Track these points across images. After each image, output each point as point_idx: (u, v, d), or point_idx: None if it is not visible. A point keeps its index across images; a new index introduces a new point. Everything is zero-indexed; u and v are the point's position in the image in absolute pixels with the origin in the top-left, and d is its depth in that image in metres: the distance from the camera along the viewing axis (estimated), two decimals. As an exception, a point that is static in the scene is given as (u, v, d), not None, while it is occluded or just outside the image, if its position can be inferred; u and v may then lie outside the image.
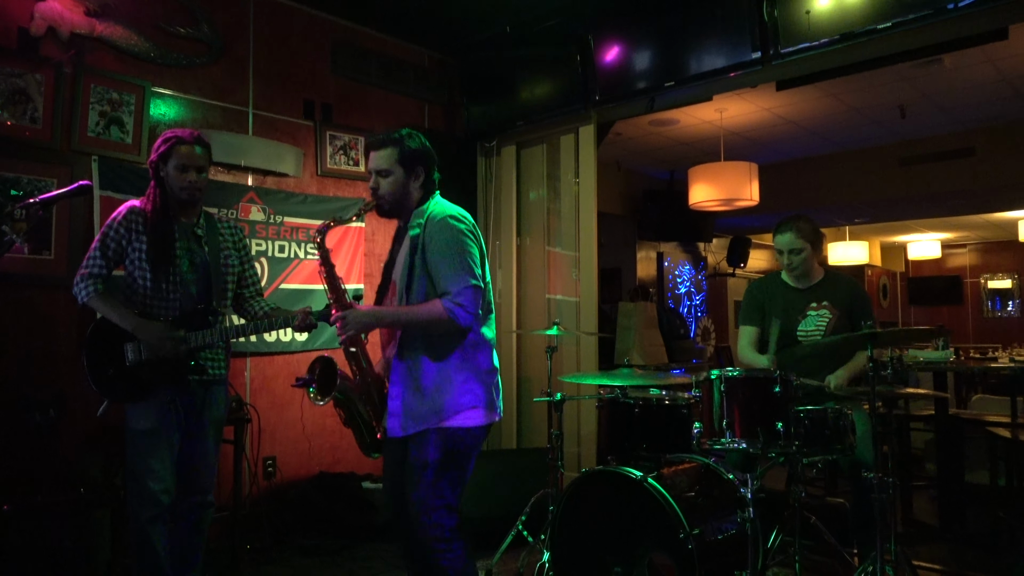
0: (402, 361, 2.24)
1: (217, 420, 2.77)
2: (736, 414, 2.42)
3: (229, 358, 2.81)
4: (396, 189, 2.27)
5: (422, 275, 2.21)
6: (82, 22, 3.45)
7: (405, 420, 2.21)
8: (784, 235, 3.13)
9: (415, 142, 2.29)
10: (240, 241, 2.84)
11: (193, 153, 2.62)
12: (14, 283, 3.25)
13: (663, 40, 4.00)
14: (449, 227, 2.19)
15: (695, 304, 8.67)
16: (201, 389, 2.69)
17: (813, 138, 7.08)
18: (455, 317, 2.12)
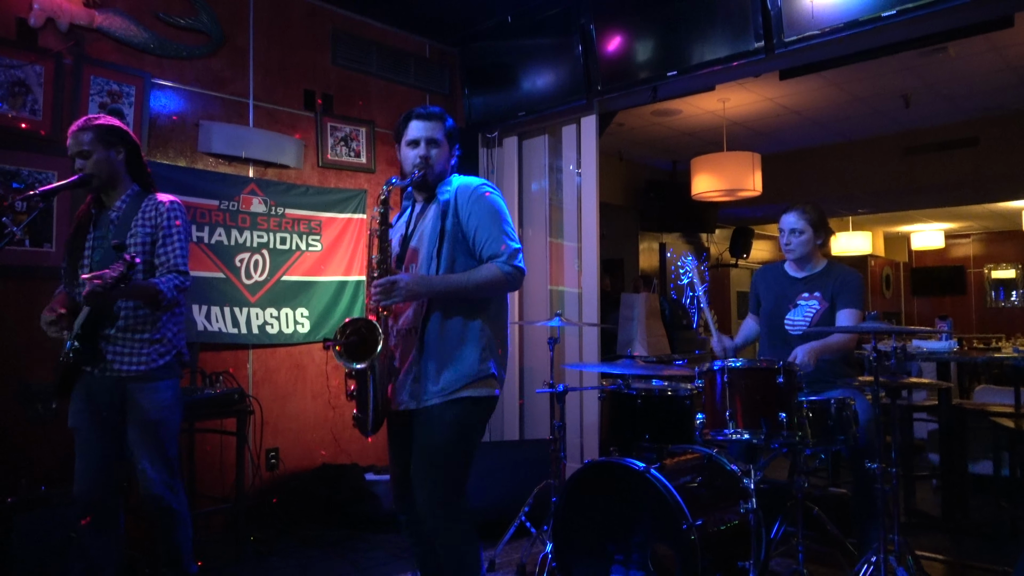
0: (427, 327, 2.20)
1: (139, 423, 2.45)
2: (739, 405, 2.41)
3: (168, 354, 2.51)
4: (442, 160, 2.32)
5: (451, 239, 2.22)
6: (81, 13, 3.44)
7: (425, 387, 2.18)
8: (789, 214, 3.11)
9: (453, 120, 2.40)
10: (158, 219, 2.51)
11: (74, 142, 2.51)
12: (15, 275, 3.25)
13: (665, 29, 3.97)
14: (487, 195, 2.26)
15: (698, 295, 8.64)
16: (115, 386, 2.46)
17: (816, 128, 7.05)
18: (510, 279, 2.18)
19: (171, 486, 2.51)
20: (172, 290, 2.43)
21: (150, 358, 2.47)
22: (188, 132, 3.85)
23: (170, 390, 2.53)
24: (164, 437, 2.50)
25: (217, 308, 3.84)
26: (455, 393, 2.17)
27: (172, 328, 2.56)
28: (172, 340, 2.55)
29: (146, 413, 2.46)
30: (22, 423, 3.23)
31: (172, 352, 2.55)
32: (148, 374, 2.47)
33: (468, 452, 2.20)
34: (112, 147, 2.51)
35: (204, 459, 3.78)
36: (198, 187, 3.79)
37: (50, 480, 3.13)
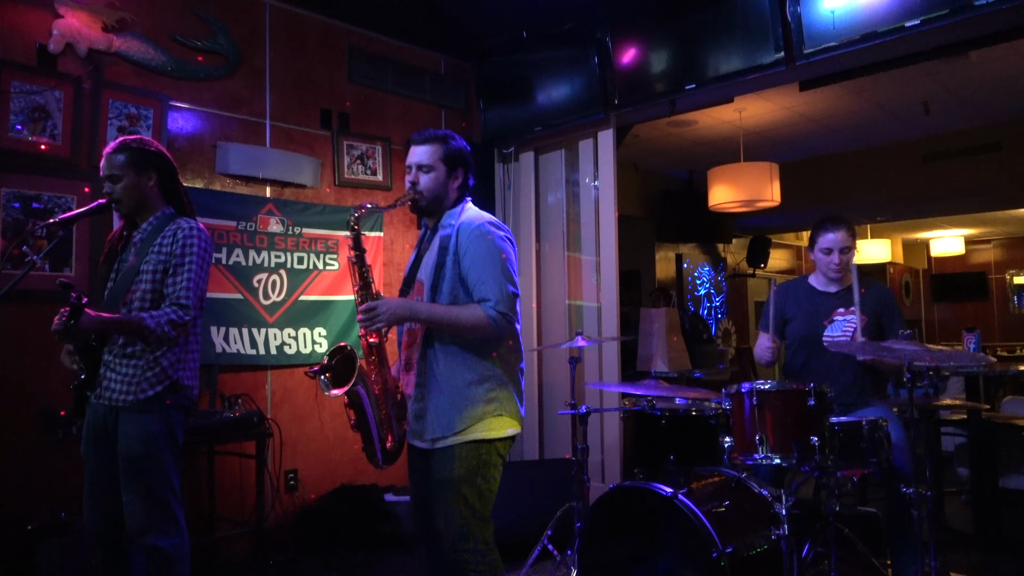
0: (428, 362, 2.17)
1: (125, 455, 2.34)
2: (769, 428, 2.35)
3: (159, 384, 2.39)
4: (435, 186, 2.24)
5: (452, 276, 2.17)
6: (100, 38, 3.45)
7: (428, 425, 2.14)
8: (838, 231, 2.99)
9: (458, 143, 2.29)
10: (174, 246, 2.43)
11: (107, 164, 2.48)
12: (37, 299, 3.25)
13: (683, 42, 3.94)
14: (488, 233, 2.17)
15: (715, 306, 8.57)
16: (109, 413, 2.39)
17: (834, 135, 6.97)
18: (496, 325, 2.08)
19: (158, 524, 2.37)
20: (163, 325, 2.30)
21: (139, 387, 2.36)
22: (206, 153, 3.85)
23: (158, 423, 2.38)
24: (149, 472, 2.37)
25: (235, 329, 3.83)
26: (461, 434, 2.11)
27: (169, 357, 2.41)
28: (167, 369, 2.41)
29: (130, 445, 2.36)
30: (43, 447, 3.22)
31: (166, 382, 2.40)
32: (135, 404, 2.36)
33: (484, 491, 2.13)
34: (143, 172, 2.48)
35: (223, 482, 3.76)
36: (216, 208, 3.79)
37: (71, 506, 3.12)
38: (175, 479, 2.46)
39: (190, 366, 2.53)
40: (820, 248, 3.03)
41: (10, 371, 3.18)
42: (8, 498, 3.06)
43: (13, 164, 3.23)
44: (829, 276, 3.05)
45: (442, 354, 2.16)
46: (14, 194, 3.23)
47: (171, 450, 2.46)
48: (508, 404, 2.17)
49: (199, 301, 2.45)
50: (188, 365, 2.52)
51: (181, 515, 2.47)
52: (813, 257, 3.09)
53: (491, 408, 2.13)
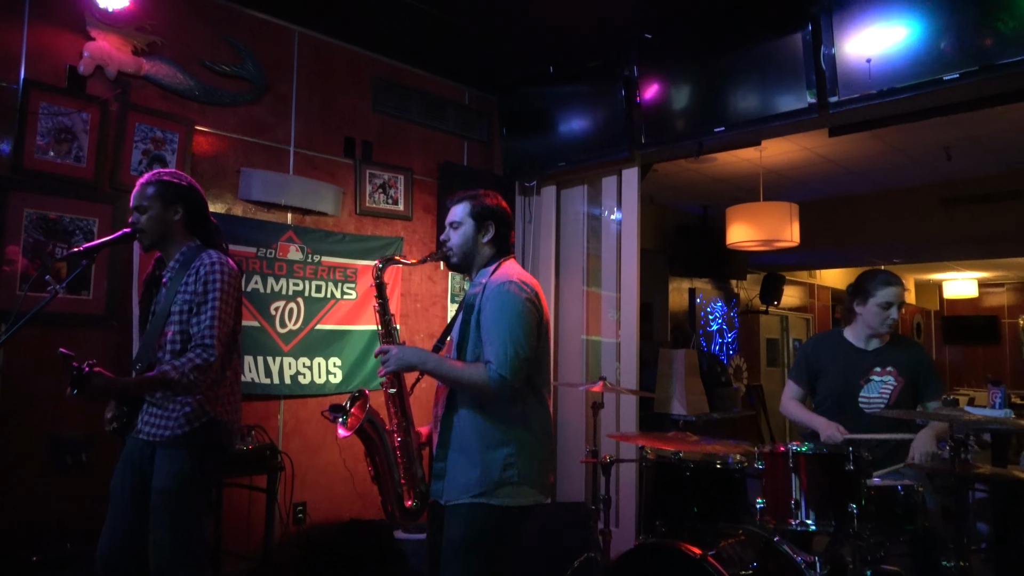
0: (449, 420, 2.15)
1: (158, 490, 2.33)
2: (806, 492, 2.28)
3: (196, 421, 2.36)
4: (464, 241, 2.26)
5: (475, 337, 2.14)
6: (129, 61, 3.43)
7: (446, 486, 2.11)
8: (897, 285, 2.93)
9: (490, 200, 2.30)
10: (197, 284, 2.39)
11: (137, 193, 2.46)
12: (51, 322, 3.19)
13: (713, 83, 3.90)
14: (506, 293, 2.11)
15: (727, 342, 8.49)
16: (146, 449, 2.39)
17: (853, 177, 6.94)
18: (494, 385, 2.03)
19: (183, 561, 2.31)
20: (187, 374, 2.25)
21: (177, 423, 2.34)
22: (229, 179, 3.82)
23: (192, 460, 2.35)
24: (179, 509, 2.33)
25: (251, 358, 3.77)
26: (475, 497, 2.05)
27: (206, 393, 2.39)
28: (204, 405, 2.37)
29: (162, 481, 2.34)
30: (49, 475, 3.15)
31: (203, 419, 2.37)
32: (171, 440, 2.34)
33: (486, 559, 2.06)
34: (170, 205, 2.45)
35: (230, 513, 3.68)
36: (237, 234, 3.74)
37: (77, 538, 3.04)
38: (202, 518, 2.44)
39: (230, 400, 2.49)
40: (878, 303, 2.93)
41: (23, 395, 3.11)
42: (13, 527, 2.98)
43: (37, 185, 3.19)
44: (879, 332, 2.96)
45: (464, 414, 2.13)
46: (36, 215, 3.20)
47: (202, 489, 2.45)
48: (527, 472, 2.09)
49: (226, 337, 2.39)
50: (227, 400, 2.48)
51: (204, 554, 2.44)
52: (861, 311, 2.99)
53: (508, 475, 2.07)
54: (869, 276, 3.04)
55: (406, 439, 2.18)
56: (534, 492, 2.10)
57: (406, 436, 2.18)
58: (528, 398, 2.14)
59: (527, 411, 2.14)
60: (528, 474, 2.09)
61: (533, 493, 2.10)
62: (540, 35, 4.17)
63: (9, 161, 3.13)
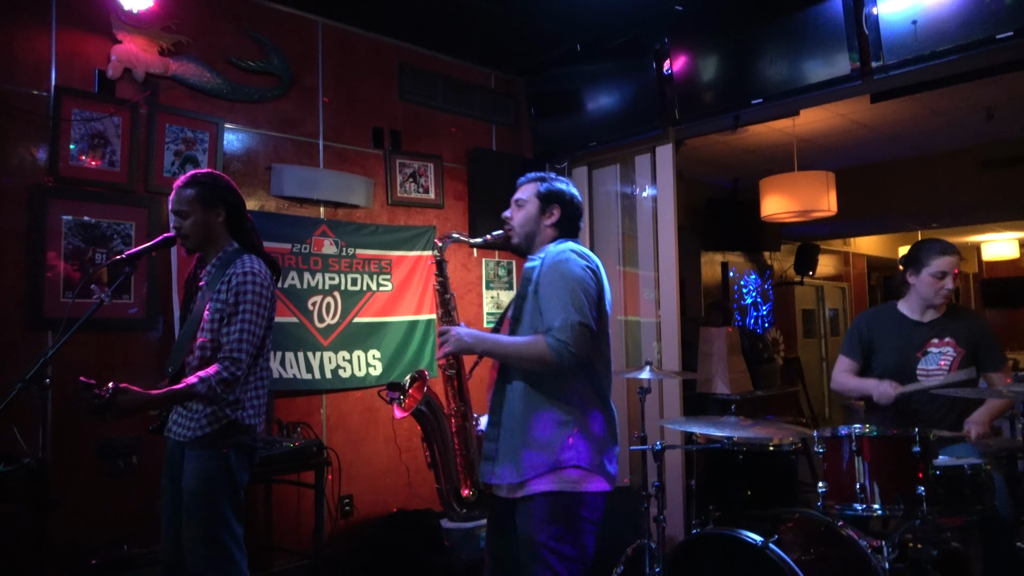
0: (500, 399, 2.06)
1: (185, 490, 2.35)
2: (871, 476, 2.21)
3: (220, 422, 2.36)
4: (526, 221, 2.18)
5: (532, 308, 2.05)
6: (156, 62, 3.41)
7: (498, 469, 2.01)
8: (952, 255, 2.82)
9: (558, 183, 2.23)
10: (229, 295, 2.38)
11: (176, 198, 2.44)
12: (95, 327, 3.21)
13: (748, 54, 3.78)
14: (565, 261, 2.02)
15: (761, 315, 8.36)
16: (177, 449, 2.41)
17: (889, 143, 6.74)
18: (555, 354, 1.91)
19: (217, 564, 2.32)
20: (213, 387, 2.25)
21: (198, 424, 2.35)
22: (260, 175, 3.80)
23: (215, 461, 2.35)
24: (204, 510, 2.33)
25: (291, 354, 3.77)
26: (530, 484, 1.96)
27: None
28: (224, 408, 2.36)
29: (188, 481, 2.35)
30: (102, 479, 3.19)
31: (223, 421, 2.36)
32: (195, 441, 2.35)
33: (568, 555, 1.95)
34: (211, 208, 2.43)
35: (279, 510, 3.71)
36: (271, 231, 3.72)
37: (132, 538, 3.08)
38: (233, 520, 2.40)
39: (252, 404, 2.48)
40: (932, 272, 2.82)
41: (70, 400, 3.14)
42: (70, 530, 3.02)
43: (74, 191, 3.20)
44: (935, 303, 2.86)
45: (515, 392, 2.03)
46: (74, 221, 3.20)
47: (228, 491, 2.40)
48: (586, 455, 1.98)
49: (255, 348, 2.38)
50: (250, 404, 2.47)
51: (241, 557, 2.40)
52: (914, 282, 2.89)
53: (565, 458, 1.96)
54: (923, 245, 2.93)
55: (464, 424, 2.10)
56: (596, 476, 1.99)
57: (464, 421, 2.10)
58: (587, 377, 2.03)
59: (585, 390, 2.03)
60: (587, 457, 1.98)
61: (595, 478, 1.99)
62: (566, 12, 4.06)
63: (46, 169, 3.13)
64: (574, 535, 1.97)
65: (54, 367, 3.11)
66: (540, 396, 2.01)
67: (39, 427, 2.82)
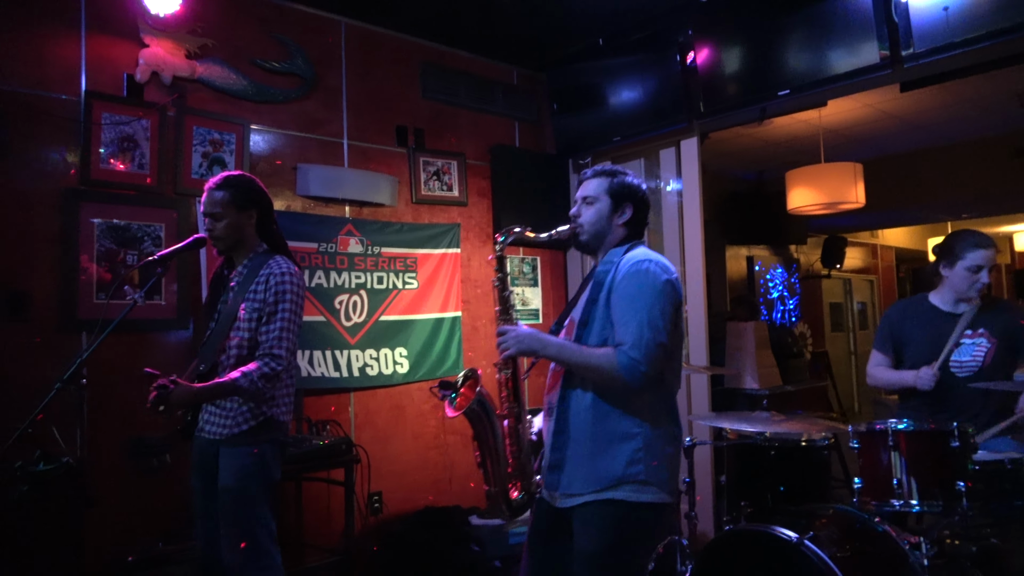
0: (566, 408, 1.99)
1: (222, 488, 2.39)
2: (908, 472, 2.17)
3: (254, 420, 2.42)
4: (597, 219, 2.07)
5: (604, 315, 1.96)
6: (183, 65, 3.44)
7: (564, 479, 1.95)
8: (989, 248, 2.75)
9: (630, 179, 2.13)
10: (267, 294, 2.42)
11: (208, 200, 2.47)
12: (128, 328, 3.25)
13: (774, 44, 3.73)
14: (645, 272, 1.93)
15: (788, 308, 8.26)
16: (210, 448, 2.45)
17: (918, 132, 6.62)
18: (626, 373, 1.83)
19: (253, 560, 2.36)
20: (255, 382, 2.31)
21: (235, 422, 2.40)
22: (286, 176, 3.83)
23: (250, 457, 2.40)
24: (243, 507, 2.38)
25: (319, 352, 3.80)
26: (598, 492, 1.90)
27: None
28: (261, 405, 2.42)
29: (225, 478, 2.39)
30: (136, 477, 3.23)
31: (260, 418, 2.42)
32: (231, 438, 2.40)
33: (630, 563, 1.92)
34: (244, 210, 2.47)
35: (309, 507, 3.74)
36: (297, 231, 3.76)
37: (167, 535, 3.12)
38: (269, 516, 2.45)
39: (284, 401, 2.53)
40: (968, 266, 2.76)
41: (104, 400, 3.19)
42: (105, 528, 3.07)
43: (105, 194, 3.25)
44: (967, 296, 2.80)
45: (582, 402, 1.96)
46: (106, 224, 3.25)
47: (265, 487, 2.46)
48: (653, 471, 1.92)
49: (294, 346, 2.44)
50: (282, 401, 2.52)
51: (275, 552, 2.45)
52: (948, 274, 2.83)
53: (632, 472, 1.90)
54: (958, 237, 2.87)
55: (517, 426, 2.03)
56: (662, 493, 1.93)
57: (517, 423, 2.03)
58: (657, 390, 1.95)
59: (655, 403, 1.95)
60: (654, 472, 1.91)
61: (661, 494, 1.92)
62: (587, 6, 4.05)
63: (77, 173, 3.18)
64: (633, 549, 1.93)
65: (89, 368, 3.17)
66: (610, 407, 1.94)
67: (76, 426, 2.87)
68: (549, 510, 2.03)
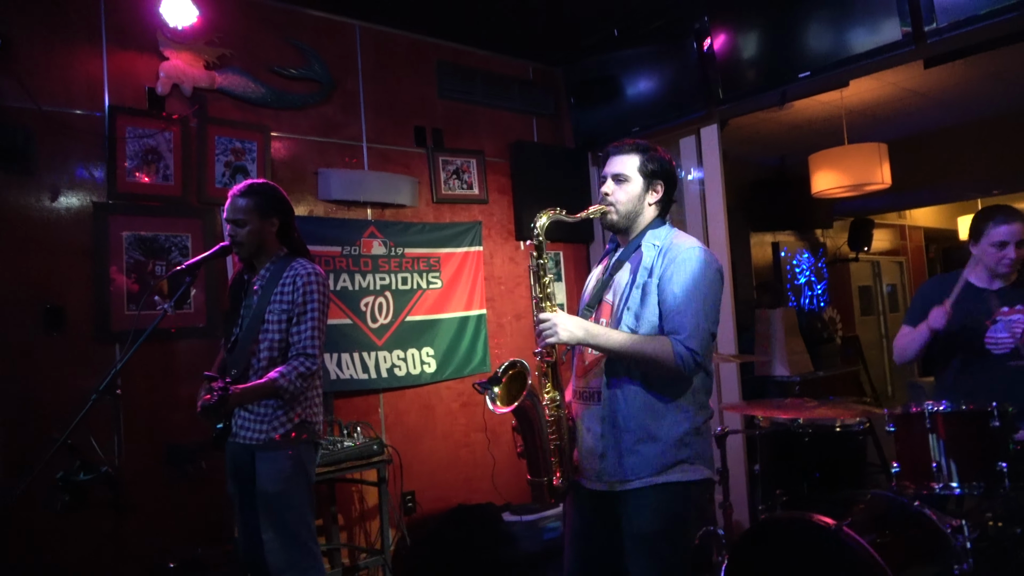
0: (613, 396, 1.97)
1: (262, 493, 2.44)
2: (947, 454, 2.13)
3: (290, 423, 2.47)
4: (630, 199, 2.05)
5: (652, 301, 1.95)
6: (202, 76, 3.49)
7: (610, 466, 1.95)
8: (1013, 222, 2.68)
9: (660, 155, 2.10)
10: (295, 294, 2.47)
11: (231, 207, 2.51)
12: (160, 336, 3.31)
13: (792, 26, 3.67)
14: (699, 260, 1.94)
15: (816, 294, 8.15)
16: (244, 454, 2.49)
17: (944, 109, 6.48)
18: (682, 363, 1.86)
19: (297, 561, 2.41)
20: (294, 382, 2.37)
21: (272, 426, 2.44)
22: (307, 181, 3.86)
23: (289, 460, 2.44)
24: (285, 510, 2.42)
25: (347, 355, 3.83)
26: (656, 476, 1.92)
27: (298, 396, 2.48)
28: (296, 407, 2.47)
29: (265, 483, 2.43)
30: (172, 483, 3.28)
31: (295, 420, 2.46)
32: (269, 443, 2.43)
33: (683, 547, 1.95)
34: (267, 218, 2.50)
35: (344, 508, 3.77)
36: (321, 235, 3.79)
37: (205, 541, 3.16)
38: (310, 516, 2.49)
39: (315, 403, 2.57)
40: (991, 242, 2.70)
41: (138, 409, 3.25)
42: (144, 535, 3.12)
43: (132, 207, 3.30)
44: (998, 272, 2.75)
45: (628, 388, 1.96)
46: (134, 236, 3.30)
47: (305, 487, 2.51)
48: (701, 450, 1.97)
49: (323, 345, 2.48)
50: (313, 402, 2.57)
51: (318, 552, 2.49)
52: (976, 251, 2.78)
53: (684, 455, 1.93)
54: (983, 214, 2.82)
55: (559, 414, 2.01)
56: (709, 469, 2.00)
57: (559, 411, 2.01)
58: (700, 378, 2.00)
59: (698, 386, 1.99)
60: (701, 452, 1.98)
61: (708, 471, 1.99)
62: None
63: (104, 187, 3.24)
64: (688, 525, 1.97)
65: (123, 378, 3.23)
66: (658, 394, 1.95)
67: (113, 436, 2.91)
68: (591, 495, 2.03)
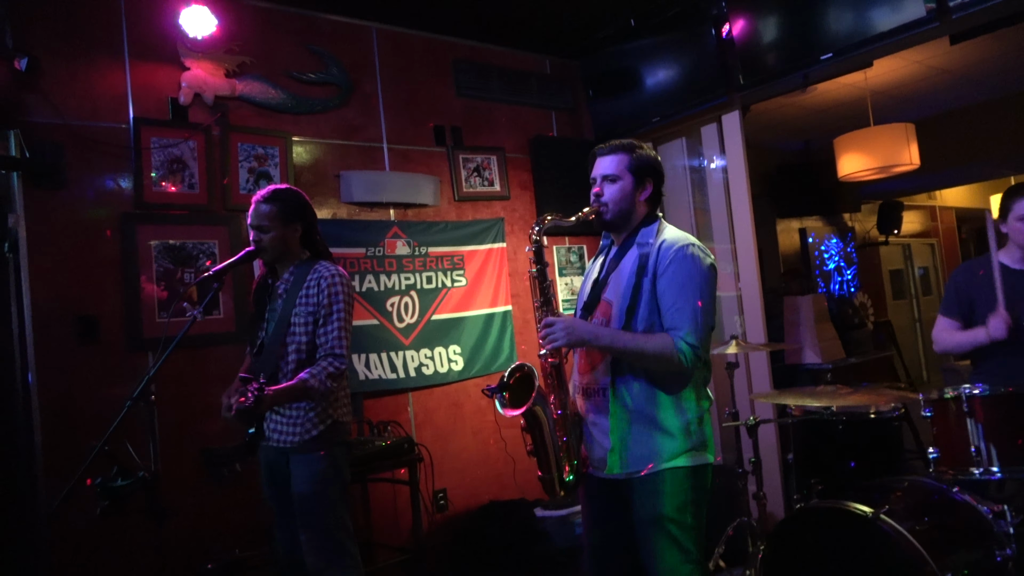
0: (619, 392, 2.03)
1: (298, 494, 2.46)
2: (986, 438, 2.09)
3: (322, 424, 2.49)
4: (622, 198, 2.08)
5: (649, 299, 2.00)
6: (223, 84, 3.53)
7: (620, 459, 2.01)
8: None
9: (646, 152, 2.13)
10: (320, 296, 2.49)
11: (255, 212, 2.53)
12: (190, 343, 3.34)
13: (814, 6, 3.60)
14: (695, 258, 1.98)
15: (846, 279, 8.03)
16: (279, 457, 2.51)
17: (972, 86, 6.34)
18: (684, 358, 1.91)
19: (335, 561, 2.44)
20: (324, 381, 2.39)
21: (304, 428, 2.46)
22: (330, 184, 3.89)
23: (323, 461, 2.47)
24: (321, 510, 2.45)
25: (375, 355, 3.85)
26: (662, 464, 1.98)
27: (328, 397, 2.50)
28: (328, 408, 2.50)
29: (300, 484, 2.46)
30: (208, 487, 3.33)
31: (328, 421, 2.49)
32: (303, 444, 2.46)
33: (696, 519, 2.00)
34: (290, 223, 2.53)
35: (377, 507, 3.80)
36: (344, 237, 3.82)
37: (242, 543, 3.21)
38: (346, 516, 2.51)
39: (344, 403, 2.60)
40: (1017, 216, 2.64)
41: (172, 414, 3.30)
42: (182, 539, 3.17)
43: (159, 216, 3.35)
44: None
45: (633, 384, 2.02)
46: (162, 244, 3.35)
47: (340, 487, 2.53)
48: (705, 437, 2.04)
49: (349, 344, 2.50)
50: (343, 403, 2.59)
51: (355, 551, 2.51)
52: (1006, 230, 2.71)
53: (688, 443, 2.00)
54: (1010, 191, 2.75)
55: (565, 413, 2.07)
56: (712, 456, 2.06)
57: (565, 410, 2.07)
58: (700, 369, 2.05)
59: (698, 378, 2.05)
60: (705, 439, 2.05)
61: (712, 457, 2.06)
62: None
63: (132, 197, 3.29)
64: (696, 506, 2.00)
65: (157, 384, 3.28)
66: (662, 388, 2.01)
67: (149, 441, 2.96)
68: (601, 483, 2.08)
